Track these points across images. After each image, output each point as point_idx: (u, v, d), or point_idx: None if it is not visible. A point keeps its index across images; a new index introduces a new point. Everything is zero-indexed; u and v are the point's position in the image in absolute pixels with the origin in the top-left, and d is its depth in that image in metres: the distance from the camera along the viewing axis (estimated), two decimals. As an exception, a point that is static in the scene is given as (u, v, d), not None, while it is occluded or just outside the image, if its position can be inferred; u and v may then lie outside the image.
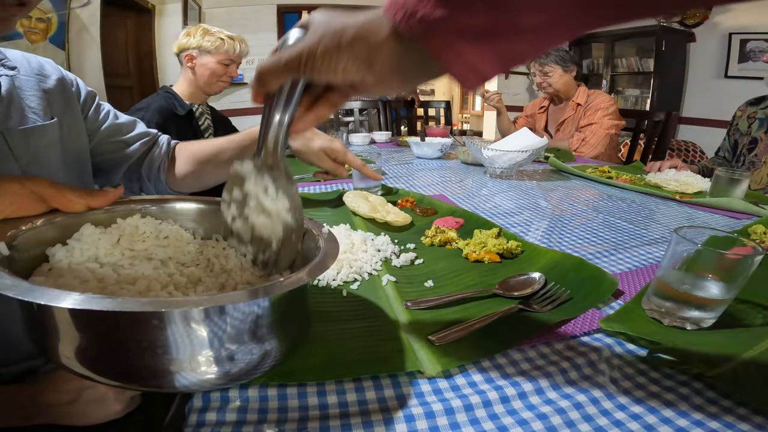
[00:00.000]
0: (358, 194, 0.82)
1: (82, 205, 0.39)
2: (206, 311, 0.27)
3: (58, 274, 0.35)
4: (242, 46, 1.41)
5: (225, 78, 1.42)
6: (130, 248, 0.40)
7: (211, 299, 0.27)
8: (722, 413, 0.33)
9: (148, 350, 0.27)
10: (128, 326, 0.27)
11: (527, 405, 0.34)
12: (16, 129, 0.54)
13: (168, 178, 0.77)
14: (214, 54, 1.37)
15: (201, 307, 0.26)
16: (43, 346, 0.29)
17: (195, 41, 1.36)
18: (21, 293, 0.25)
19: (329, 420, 0.32)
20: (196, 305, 0.26)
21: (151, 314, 0.26)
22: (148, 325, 0.26)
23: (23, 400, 0.50)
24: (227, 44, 1.37)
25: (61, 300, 0.24)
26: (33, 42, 2.22)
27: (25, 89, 0.57)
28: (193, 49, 1.37)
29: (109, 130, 0.71)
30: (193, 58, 1.38)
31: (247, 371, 0.31)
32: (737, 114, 1.45)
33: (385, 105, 2.46)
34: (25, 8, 0.46)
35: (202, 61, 1.37)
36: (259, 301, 0.29)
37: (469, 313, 0.46)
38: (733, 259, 0.42)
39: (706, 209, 0.93)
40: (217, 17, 3.84)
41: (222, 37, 1.37)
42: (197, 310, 0.27)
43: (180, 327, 0.27)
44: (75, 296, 0.24)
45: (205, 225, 0.47)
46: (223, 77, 1.41)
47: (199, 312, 0.27)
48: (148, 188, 0.77)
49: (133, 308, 0.24)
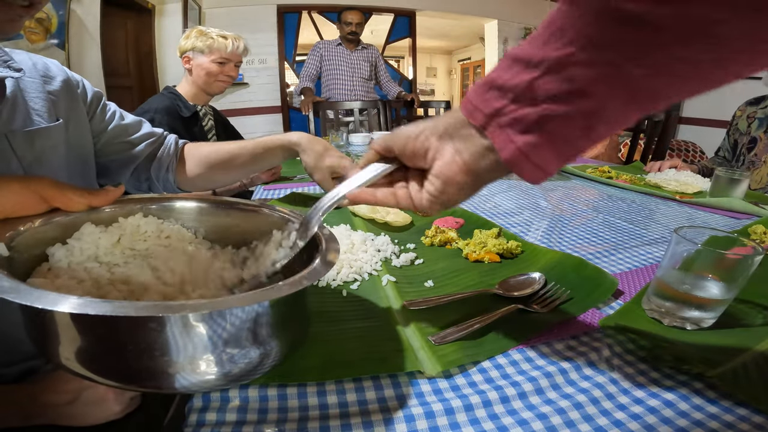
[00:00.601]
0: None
1: (83, 205, 0.39)
2: (205, 315, 0.27)
3: (56, 275, 0.35)
4: (237, 44, 1.41)
5: (222, 77, 1.41)
6: (131, 248, 0.40)
7: (210, 303, 0.26)
8: (722, 413, 0.33)
9: (146, 353, 0.27)
10: (127, 329, 0.27)
11: (527, 405, 0.34)
12: (19, 131, 0.54)
13: (177, 177, 0.78)
14: (208, 54, 1.38)
15: (200, 312, 0.26)
16: (42, 347, 0.29)
17: (190, 43, 1.38)
18: (19, 297, 0.24)
19: (329, 420, 0.32)
20: (195, 310, 0.26)
21: (149, 318, 0.26)
22: (146, 328, 0.26)
23: (23, 400, 0.50)
24: (218, 43, 1.37)
25: (57, 304, 0.24)
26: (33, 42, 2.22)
27: (29, 91, 0.57)
28: (189, 50, 1.39)
29: (115, 131, 0.71)
30: (190, 59, 1.39)
31: (247, 372, 0.31)
32: (737, 114, 1.45)
33: (385, 105, 2.46)
34: (32, 9, 0.46)
35: (198, 62, 1.38)
36: (258, 304, 0.29)
37: (469, 313, 0.46)
38: (733, 259, 0.42)
39: (706, 209, 0.93)
40: (217, 17, 3.84)
41: (213, 36, 1.37)
42: (196, 314, 0.26)
43: (179, 330, 0.27)
44: (71, 300, 0.24)
45: (207, 224, 0.47)
46: (219, 76, 1.40)
47: (198, 316, 0.27)
48: (157, 188, 0.77)
49: (131, 313, 0.24)
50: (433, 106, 3.06)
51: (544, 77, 0.26)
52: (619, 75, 0.24)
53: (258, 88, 4.19)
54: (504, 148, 0.29)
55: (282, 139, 0.77)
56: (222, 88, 1.46)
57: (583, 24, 0.24)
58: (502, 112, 0.28)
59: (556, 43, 0.25)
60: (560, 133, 0.27)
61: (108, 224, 0.41)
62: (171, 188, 0.78)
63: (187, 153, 0.79)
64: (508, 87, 0.28)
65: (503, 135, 0.29)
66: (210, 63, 1.38)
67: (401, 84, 4.68)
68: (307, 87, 2.73)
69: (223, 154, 0.78)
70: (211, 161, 0.78)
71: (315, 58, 2.81)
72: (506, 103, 0.28)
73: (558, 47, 0.25)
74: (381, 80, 2.95)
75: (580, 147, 0.28)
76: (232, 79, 1.45)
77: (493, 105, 0.28)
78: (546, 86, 0.26)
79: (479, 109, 0.30)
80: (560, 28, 0.25)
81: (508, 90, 0.28)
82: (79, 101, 0.65)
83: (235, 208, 0.47)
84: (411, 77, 4.94)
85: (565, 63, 0.25)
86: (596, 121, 0.27)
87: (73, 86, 0.65)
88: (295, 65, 4.36)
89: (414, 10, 4.60)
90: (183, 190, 0.80)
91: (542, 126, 0.27)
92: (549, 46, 0.26)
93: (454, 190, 0.33)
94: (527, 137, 0.28)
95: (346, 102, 2.55)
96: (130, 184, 0.77)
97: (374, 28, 4.65)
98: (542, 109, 0.27)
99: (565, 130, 0.27)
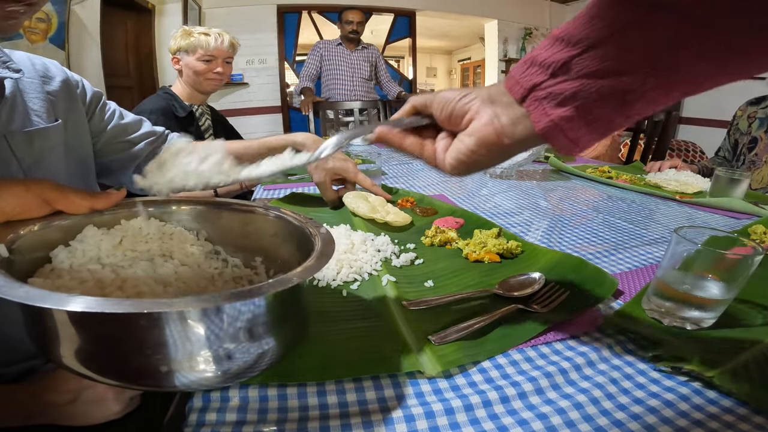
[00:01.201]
0: (357, 195, 0.82)
1: (85, 207, 0.39)
2: (202, 312, 0.27)
3: (58, 275, 0.35)
4: (220, 39, 1.39)
5: (211, 75, 1.40)
6: (133, 249, 0.40)
7: (205, 300, 0.27)
8: (722, 413, 0.33)
9: (145, 351, 0.27)
10: (125, 328, 0.27)
11: (527, 405, 0.34)
12: (18, 132, 0.54)
13: None
14: (191, 52, 1.38)
15: (195, 308, 0.26)
16: (42, 346, 0.29)
17: (177, 43, 1.38)
18: (9, 294, 0.25)
19: (329, 420, 0.32)
20: (190, 306, 0.26)
21: (147, 315, 0.26)
22: (144, 326, 0.26)
23: (23, 399, 0.50)
24: (200, 40, 1.36)
25: (50, 302, 0.24)
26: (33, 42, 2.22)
27: (28, 92, 0.57)
28: (176, 51, 1.39)
29: (115, 130, 0.71)
30: (178, 60, 1.40)
31: (245, 369, 0.31)
32: (737, 114, 1.45)
33: (385, 105, 2.46)
34: (32, 8, 0.46)
35: (185, 61, 1.39)
36: (254, 300, 0.29)
37: (469, 313, 0.46)
38: (733, 259, 0.42)
39: (706, 209, 0.93)
40: (217, 17, 3.85)
41: (195, 34, 1.37)
42: (192, 311, 0.27)
43: (175, 327, 0.27)
44: (68, 298, 0.24)
45: (207, 225, 0.47)
46: (208, 74, 1.39)
47: (194, 312, 0.27)
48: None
49: (128, 310, 0.24)
50: (433, 106, 3.05)
51: (583, 54, 0.27)
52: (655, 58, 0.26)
53: (258, 88, 4.20)
54: (539, 121, 0.30)
55: (287, 139, 0.78)
56: (213, 86, 1.44)
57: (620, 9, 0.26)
58: (541, 86, 0.29)
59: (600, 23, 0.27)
60: (595, 108, 0.28)
61: (110, 227, 0.41)
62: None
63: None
64: (547, 63, 0.29)
65: (540, 108, 0.30)
66: (196, 61, 1.37)
67: (401, 84, 4.68)
68: (307, 87, 2.73)
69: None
70: None
71: (315, 57, 2.81)
72: (545, 78, 0.29)
73: (600, 28, 0.27)
74: (381, 80, 2.95)
75: (616, 123, 0.29)
76: (221, 76, 1.43)
77: (532, 80, 0.30)
78: (584, 62, 0.27)
79: (519, 83, 0.31)
80: (599, 12, 0.27)
81: (548, 66, 0.29)
82: (78, 102, 0.65)
83: (235, 209, 0.47)
84: (411, 77, 4.94)
85: (605, 41, 0.26)
86: (633, 99, 0.27)
87: (72, 86, 0.65)
88: (295, 65, 4.36)
89: (414, 10, 4.60)
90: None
91: (577, 100, 0.28)
92: (590, 27, 0.27)
93: (484, 151, 0.34)
94: (562, 111, 0.29)
95: (346, 102, 2.55)
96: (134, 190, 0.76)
97: (374, 28, 4.66)
98: (579, 84, 0.28)
99: (600, 106, 0.28)
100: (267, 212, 0.46)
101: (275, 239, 0.45)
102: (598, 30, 0.27)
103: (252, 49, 3.99)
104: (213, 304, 0.27)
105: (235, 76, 3.97)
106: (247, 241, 0.46)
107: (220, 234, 0.47)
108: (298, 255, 0.41)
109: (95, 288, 0.35)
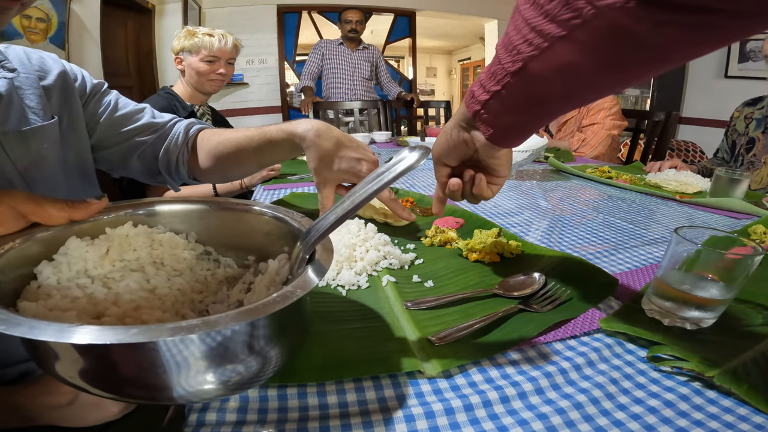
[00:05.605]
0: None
1: (63, 219, 0.37)
2: (200, 337, 0.26)
3: (47, 294, 0.33)
4: (224, 41, 1.39)
5: (213, 76, 1.40)
6: (121, 258, 0.39)
7: (202, 324, 0.25)
8: (722, 413, 0.33)
9: (145, 371, 0.26)
10: (127, 353, 0.26)
11: (527, 405, 0.34)
12: (13, 132, 0.52)
13: (191, 168, 0.73)
14: (195, 53, 1.38)
15: (193, 334, 0.25)
16: (36, 359, 0.29)
17: (180, 43, 1.38)
18: (10, 328, 0.23)
19: (329, 420, 0.32)
20: (189, 332, 0.25)
21: (144, 344, 0.25)
22: (141, 350, 0.25)
23: (21, 401, 0.50)
24: (205, 41, 1.36)
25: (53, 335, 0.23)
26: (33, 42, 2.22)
27: (24, 88, 0.56)
28: (179, 51, 1.39)
29: (110, 120, 0.67)
30: (181, 60, 1.40)
31: (245, 383, 0.30)
32: (734, 115, 1.46)
33: (385, 105, 2.46)
34: (21, 3, 0.45)
35: (188, 62, 1.39)
36: (252, 321, 0.28)
37: (469, 313, 0.46)
38: (733, 259, 0.42)
39: (706, 209, 0.93)
40: (217, 17, 3.85)
41: (200, 35, 1.37)
42: (191, 336, 0.25)
43: (179, 352, 0.26)
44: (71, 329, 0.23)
45: (198, 226, 0.45)
46: (210, 75, 1.40)
47: (192, 339, 0.26)
48: (172, 183, 0.73)
49: (125, 340, 0.23)
50: (432, 106, 3.05)
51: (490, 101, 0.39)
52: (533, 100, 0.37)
53: (258, 88, 4.19)
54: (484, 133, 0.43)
55: (287, 130, 0.63)
56: (215, 87, 1.44)
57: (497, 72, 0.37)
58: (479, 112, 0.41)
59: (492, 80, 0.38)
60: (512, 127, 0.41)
61: (94, 236, 0.39)
62: (187, 182, 0.74)
63: (200, 141, 0.73)
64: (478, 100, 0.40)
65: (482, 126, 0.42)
66: (199, 62, 1.37)
67: (401, 84, 4.68)
68: (308, 86, 2.74)
69: (230, 147, 0.69)
70: (219, 153, 0.71)
71: (316, 56, 2.82)
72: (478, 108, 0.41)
73: (492, 83, 0.38)
74: (381, 80, 2.95)
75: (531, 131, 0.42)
76: (224, 77, 1.43)
77: (473, 108, 0.42)
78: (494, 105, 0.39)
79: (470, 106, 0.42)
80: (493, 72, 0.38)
81: (478, 102, 0.41)
82: (74, 95, 0.63)
83: (226, 208, 0.45)
84: (411, 77, 4.94)
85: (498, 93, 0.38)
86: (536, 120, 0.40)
87: (69, 79, 0.63)
88: (295, 65, 4.36)
89: (414, 10, 4.60)
90: (200, 181, 0.75)
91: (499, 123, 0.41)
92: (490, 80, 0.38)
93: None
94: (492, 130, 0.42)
95: (346, 102, 2.55)
96: (147, 182, 0.75)
97: (374, 28, 4.65)
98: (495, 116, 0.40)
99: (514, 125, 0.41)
100: (259, 210, 0.45)
101: (269, 238, 0.44)
102: (492, 84, 0.38)
103: (252, 49, 3.99)
104: (214, 327, 0.25)
105: (235, 76, 3.97)
106: (240, 240, 0.45)
107: (210, 234, 0.46)
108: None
109: (89, 305, 0.33)
